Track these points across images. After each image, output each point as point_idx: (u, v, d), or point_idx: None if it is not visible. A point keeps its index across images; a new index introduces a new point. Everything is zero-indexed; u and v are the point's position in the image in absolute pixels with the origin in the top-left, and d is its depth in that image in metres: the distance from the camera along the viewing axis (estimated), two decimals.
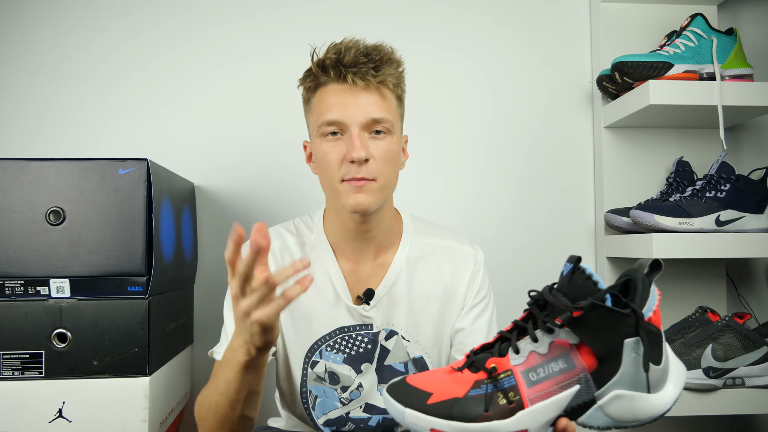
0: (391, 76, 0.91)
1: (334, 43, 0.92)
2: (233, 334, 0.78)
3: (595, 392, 0.59)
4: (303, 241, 1.01)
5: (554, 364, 0.60)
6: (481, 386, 0.60)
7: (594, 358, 0.59)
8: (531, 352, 0.61)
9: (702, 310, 1.26)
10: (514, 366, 0.60)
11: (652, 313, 0.60)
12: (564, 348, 0.60)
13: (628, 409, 0.59)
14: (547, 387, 0.59)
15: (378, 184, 0.90)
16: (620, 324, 0.58)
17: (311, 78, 0.93)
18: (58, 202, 0.99)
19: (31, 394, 0.97)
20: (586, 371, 0.59)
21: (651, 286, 0.61)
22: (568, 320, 0.59)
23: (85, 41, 1.41)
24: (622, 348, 0.58)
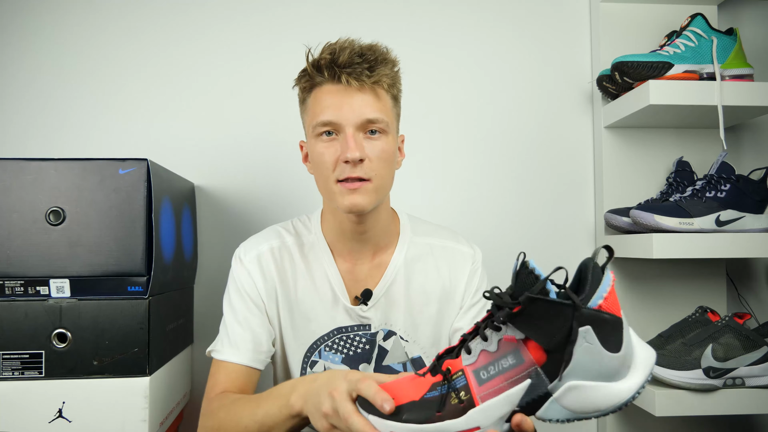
0: (385, 76, 0.91)
1: (329, 43, 0.92)
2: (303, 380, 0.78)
3: (548, 385, 0.59)
4: (301, 242, 1.01)
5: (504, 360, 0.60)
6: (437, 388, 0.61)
7: (542, 352, 0.59)
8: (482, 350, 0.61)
9: (702, 310, 1.26)
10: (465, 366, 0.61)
11: (602, 300, 0.59)
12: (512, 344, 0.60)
13: (585, 399, 0.59)
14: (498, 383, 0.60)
15: (373, 184, 0.90)
16: (562, 315, 0.57)
17: (306, 78, 0.93)
18: (58, 202, 0.99)
19: (31, 394, 0.97)
20: (536, 365, 0.59)
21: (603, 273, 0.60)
22: (508, 316, 0.59)
23: (84, 41, 1.41)
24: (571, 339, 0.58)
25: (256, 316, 0.97)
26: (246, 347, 0.95)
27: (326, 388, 0.70)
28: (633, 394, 0.60)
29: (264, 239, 1.01)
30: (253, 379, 0.96)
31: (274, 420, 0.78)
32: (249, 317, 0.97)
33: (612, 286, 0.60)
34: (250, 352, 0.95)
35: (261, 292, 0.98)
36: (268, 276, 0.98)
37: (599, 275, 0.60)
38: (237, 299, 0.98)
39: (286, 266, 0.99)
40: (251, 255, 0.99)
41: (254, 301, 0.97)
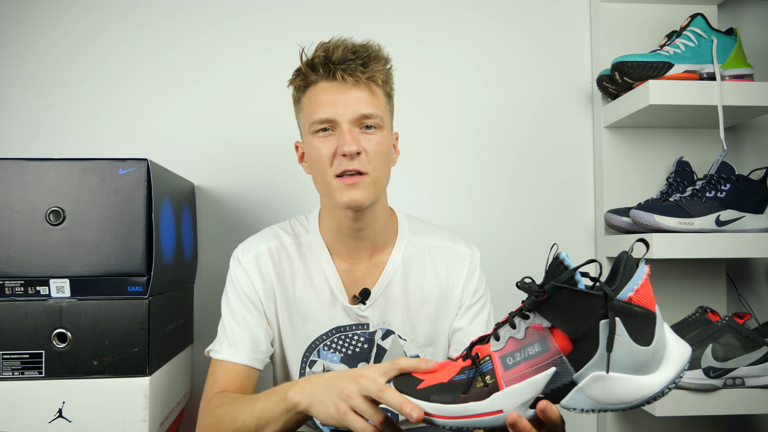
0: (379, 72, 0.92)
1: (322, 42, 0.93)
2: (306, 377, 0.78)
3: (573, 375, 0.59)
4: (299, 242, 1.01)
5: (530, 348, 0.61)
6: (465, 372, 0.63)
7: (568, 341, 0.60)
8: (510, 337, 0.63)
9: (702, 310, 1.26)
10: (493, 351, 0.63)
11: (633, 292, 0.59)
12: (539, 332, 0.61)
13: (610, 390, 0.59)
14: (523, 370, 0.61)
15: (370, 177, 0.90)
16: (590, 305, 0.58)
17: (301, 77, 0.94)
18: (58, 202, 0.99)
19: (31, 394, 0.97)
20: (561, 354, 0.60)
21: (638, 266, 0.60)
22: (534, 304, 0.60)
23: (85, 41, 1.41)
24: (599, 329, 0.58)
25: (254, 316, 0.97)
26: (244, 347, 0.95)
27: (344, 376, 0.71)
28: (662, 389, 0.59)
29: (262, 240, 1.01)
30: (252, 379, 0.96)
31: (271, 414, 0.78)
32: (247, 317, 0.97)
33: (646, 278, 0.59)
34: (248, 351, 0.95)
35: (259, 293, 0.98)
36: (266, 276, 0.98)
37: (633, 268, 0.60)
38: (235, 300, 0.98)
39: (284, 266, 0.99)
40: (249, 256, 0.99)
41: (252, 301, 0.97)
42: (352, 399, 0.68)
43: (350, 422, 0.68)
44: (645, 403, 0.60)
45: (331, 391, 0.71)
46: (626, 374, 0.58)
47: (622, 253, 0.62)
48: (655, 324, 0.59)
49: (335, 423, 0.70)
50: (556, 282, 0.58)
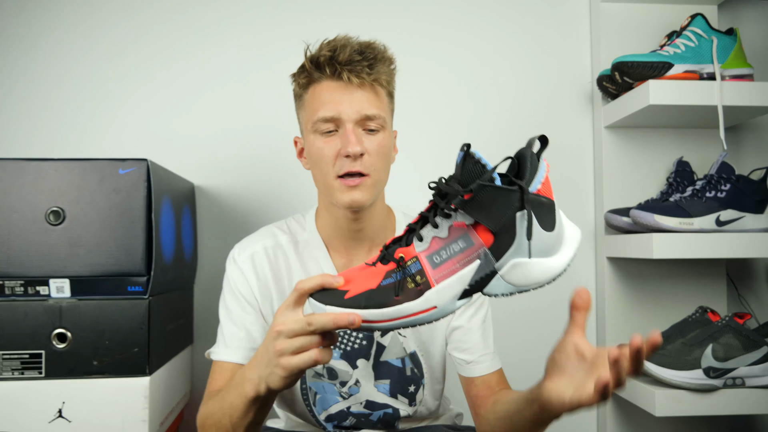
0: (384, 73, 0.92)
1: (327, 40, 0.92)
2: (249, 364, 0.76)
3: (494, 264, 0.64)
4: (296, 240, 1.02)
5: (455, 245, 0.64)
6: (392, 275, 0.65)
7: (490, 234, 0.64)
8: (433, 237, 0.65)
9: (702, 310, 1.26)
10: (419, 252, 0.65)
11: (540, 185, 0.65)
12: (462, 229, 0.64)
13: (527, 274, 0.65)
14: (450, 266, 0.64)
15: (372, 179, 0.91)
16: (509, 199, 0.63)
17: (305, 74, 0.94)
18: (58, 202, 0.99)
19: (31, 394, 0.97)
20: (484, 246, 0.64)
21: (539, 161, 0.66)
22: (461, 203, 0.63)
23: (84, 41, 1.41)
24: (515, 221, 0.63)
25: (250, 315, 0.97)
26: (240, 345, 0.95)
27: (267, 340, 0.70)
28: (565, 267, 0.66)
29: (257, 239, 1.01)
30: None
31: (238, 410, 0.78)
32: (243, 316, 0.97)
33: (547, 172, 0.66)
34: (243, 350, 0.95)
35: (254, 291, 0.98)
36: (262, 275, 0.98)
37: (536, 163, 0.65)
38: (231, 299, 0.98)
39: (281, 265, 0.99)
40: (245, 255, 0.99)
41: (248, 300, 0.97)
42: (286, 349, 0.67)
43: (298, 365, 0.67)
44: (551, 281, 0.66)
45: (268, 361, 0.70)
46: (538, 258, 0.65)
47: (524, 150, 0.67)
48: (555, 211, 0.66)
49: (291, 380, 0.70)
50: (481, 181, 0.62)
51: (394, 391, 1.00)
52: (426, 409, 1.04)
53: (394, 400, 1.00)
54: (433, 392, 1.04)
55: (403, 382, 1.00)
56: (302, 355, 0.67)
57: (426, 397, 1.03)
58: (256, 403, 0.76)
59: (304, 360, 0.67)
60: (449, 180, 0.66)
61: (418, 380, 1.01)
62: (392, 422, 1.01)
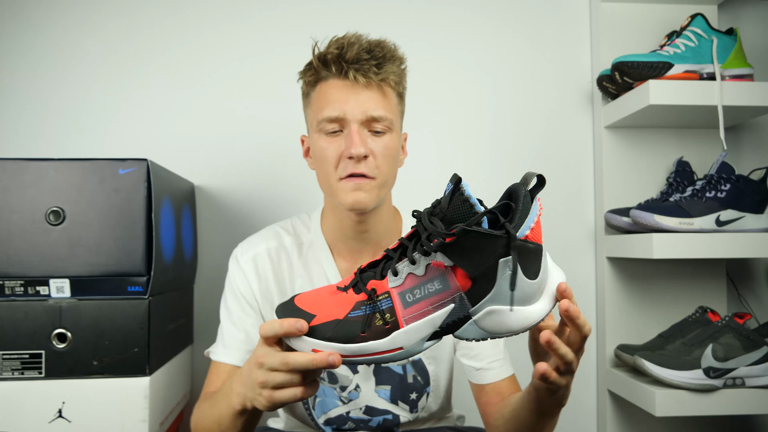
0: (393, 73, 0.90)
1: (337, 38, 0.90)
2: (236, 378, 0.75)
3: (469, 309, 0.61)
4: (300, 241, 1.01)
5: (430, 285, 0.61)
6: (361, 308, 0.62)
7: (468, 279, 0.61)
8: (409, 274, 0.62)
9: (702, 310, 1.26)
10: (392, 288, 0.62)
11: (529, 230, 0.60)
12: (440, 270, 0.61)
13: (500, 322, 0.61)
14: (423, 307, 0.61)
15: (377, 181, 0.89)
16: (493, 245, 0.59)
17: (312, 72, 0.92)
18: (58, 202, 0.99)
19: (31, 394, 0.97)
20: (461, 291, 0.61)
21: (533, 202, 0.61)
22: (441, 246, 0.60)
23: (84, 41, 1.41)
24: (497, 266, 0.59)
25: (250, 317, 0.97)
26: (238, 347, 0.95)
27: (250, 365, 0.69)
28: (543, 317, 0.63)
29: (261, 240, 1.00)
30: None
31: (227, 420, 0.77)
32: (243, 317, 0.96)
33: (539, 215, 0.62)
34: (241, 352, 0.94)
35: (255, 293, 0.97)
36: (263, 277, 0.98)
37: (528, 205, 0.61)
38: (232, 300, 0.98)
39: (283, 266, 0.99)
40: (247, 256, 0.99)
41: (248, 301, 0.97)
42: (267, 382, 0.66)
43: (281, 401, 0.66)
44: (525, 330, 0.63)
45: (251, 387, 0.69)
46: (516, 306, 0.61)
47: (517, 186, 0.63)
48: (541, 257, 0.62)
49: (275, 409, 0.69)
50: (466, 226, 0.58)
51: (394, 397, 0.99)
52: (428, 414, 1.03)
53: (394, 406, 0.99)
54: (439, 399, 1.02)
55: (404, 389, 0.99)
56: (284, 391, 0.66)
57: (430, 404, 1.01)
58: (244, 415, 0.76)
59: (286, 396, 0.66)
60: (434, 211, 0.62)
61: (421, 388, 1.00)
62: (392, 428, 1.00)
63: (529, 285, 0.61)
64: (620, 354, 1.31)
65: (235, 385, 0.74)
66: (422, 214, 0.63)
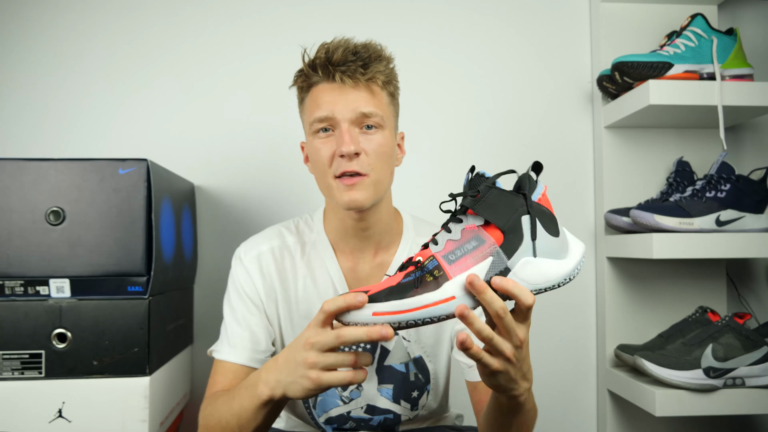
0: (380, 73, 0.91)
1: (324, 43, 0.92)
2: (265, 368, 0.76)
3: (507, 262, 0.69)
4: (303, 240, 1.01)
5: (468, 244, 0.69)
6: (411, 275, 0.68)
7: (500, 233, 0.69)
8: (447, 240, 0.70)
9: (702, 310, 1.26)
10: (435, 252, 0.69)
11: (540, 195, 0.73)
12: (473, 230, 0.70)
13: (538, 272, 0.69)
14: (465, 261, 0.68)
15: (370, 179, 0.90)
16: (513, 201, 0.70)
17: (303, 78, 0.94)
18: (58, 202, 0.99)
19: (31, 394, 0.97)
20: (495, 244, 0.69)
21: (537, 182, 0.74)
22: (471, 203, 0.69)
23: (84, 41, 1.41)
24: (521, 223, 0.69)
25: (254, 316, 0.97)
26: (243, 346, 0.95)
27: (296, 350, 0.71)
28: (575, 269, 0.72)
29: (264, 239, 1.01)
30: None
31: (248, 411, 0.78)
32: (247, 317, 0.97)
33: (544, 192, 0.74)
34: (247, 351, 0.95)
35: (260, 292, 0.98)
36: (267, 276, 0.98)
37: (534, 183, 0.73)
38: (236, 299, 0.98)
39: (287, 266, 0.99)
40: (251, 255, 0.99)
41: (252, 300, 0.97)
42: (318, 363, 0.68)
43: (329, 383, 0.68)
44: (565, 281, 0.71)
45: (294, 370, 0.70)
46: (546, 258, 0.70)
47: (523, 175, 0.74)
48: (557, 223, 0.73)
49: (316, 393, 0.71)
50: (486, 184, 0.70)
51: (397, 396, 0.99)
52: (428, 412, 1.03)
53: (396, 405, 1.00)
54: (438, 396, 1.03)
55: (407, 388, 1.00)
56: (335, 373, 0.68)
57: (430, 402, 1.02)
58: (268, 406, 0.76)
59: (337, 378, 0.68)
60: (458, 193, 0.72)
61: (422, 386, 1.01)
62: (392, 427, 1.01)
63: (554, 241, 0.71)
64: (620, 354, 1.31)
65: (264, 374, 0.76)
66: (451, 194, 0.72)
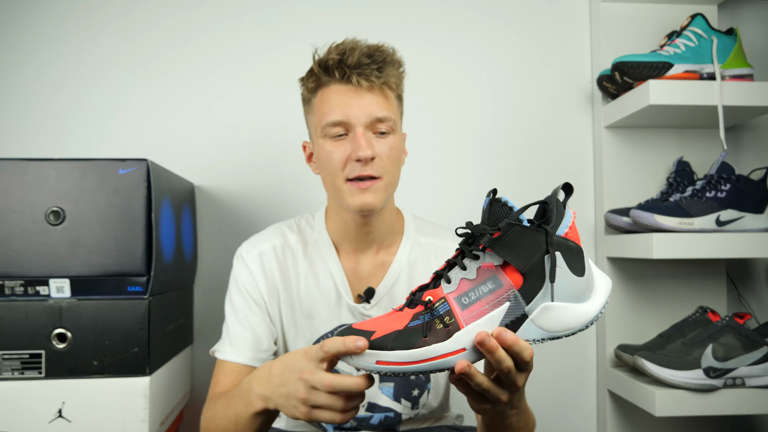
0: (393, 76, 0.92)
1: (336, 44, 0.92)
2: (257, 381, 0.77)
3: (525, 307, 0.63)
4: (305, 239, 1.01)
5: (483, 286, 0.63)
6: (419, 317, 0.64)
7: (519, 275, 0.63)
8: (461, 279, 0.64)
9: (702, 310, 1.26)
10: (447, 294, 0.64)
11: (568, 228, 0.65)
12: (491, 270, 0.64)
13: (558, 319, 0.64)
14: (479, 307, 0.63)
15: (383, 182, 0.91)
16: (536, 240, 0.63)
17: (313, 78, 0.93)
18: (58, 202, 0.99)
19: (31, 394, 0.97)
20: (514, 288, 0.63)
21: (565, 208, 0.66)
22: (489, 242, 0.63)
23: (84, 41, 1.41)
24: (544, 263, 0.63)
25: (257, 315, 0.97)
26: (246, 346, 0.95)
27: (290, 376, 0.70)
28: (597, 314, 0.65)
29: (266, 237, 1.01)
30: None
31: (244, 419, 0.78)
32: (250, 316, 0.97)
33: (573, 219, 0.66)
34: (250, 351, 0.95)
35: (262, 291, 0.98)
36: (270, 274, 0.98)
37: (562, 210, 0.66)
38: (238, 298, 0.98)
39: (289, 264, 0.99)
40: (253, 253, 0.99)
41: (254, 299, 0.97)
42: (308, 400, 0.68)
43: (318, 419, 0.69)
44: (585, 327, 0.65)
45: (286, 396, 0.71)
46: (568, 303, 0.64)
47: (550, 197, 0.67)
48: (584, 257, 0.66)
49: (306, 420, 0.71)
50: (509, 220, 0.63)
51: (398, 394, 0.99)
52: (428, 411, 1.03)
53: (396, 404, 1.00)
54: (438, 395, 1.03)
55: (407, 386, 1.00)
56: (325, 412, 0.68)
57: (430, 401, 1.02)
58: (263, 415, 0.77)
59: (326, 418, 0.68)
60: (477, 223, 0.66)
61: (422, 384, 1.01)
62: (393, 426, 1.01)
63: (578, 282, 0.64)
64: (620, 354, 1.31)
65: (257, 386, 0.76)
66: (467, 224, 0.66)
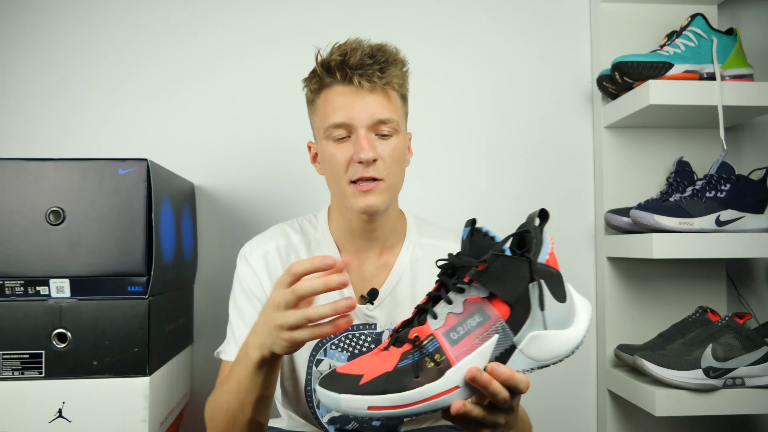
0: (396, 77, 0.91)
1: (339, 44, 0.92)
2: (251, 332, 0.78)
3: (513, 338, 0.63)
4: (308, 240, 1.01)
5: (471, 319, 0.63)
6: (408, 356, 0.63)
7: (506, 306, 0.63)
8: (448, 313, 0.64)
9: (702, 310, 1.26)
10: (435, 330, 0.63)
11: (548, 255, 0.65)
12: (477, 303, 0.63)
13: (545, 347, 0.64)
14: (469, 342, 0.62)
15: (386, 183, 0.91)
16: (521, 270, 0.63)
17: (316, 79, 0.93)
18: (58, 202, 0.99)
19: (31, 394, 0.97)
20: (501, 320, 0.63)
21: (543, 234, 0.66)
22: (475, 274, 0.62)
23: (84, 41, 1.41)
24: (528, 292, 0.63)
25: None
26: None
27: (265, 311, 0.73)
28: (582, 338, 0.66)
29: (270, 238, 1.01)
30: None
31: (246, 380, 0.78)
32: (255, 316, 0.96)
33: (551, 246, 0.67)
34: None
35: (267, 291, 0.97)
36: (274, 274, 0.98)
37: (540, 237, 0.66)
38: (242, 299, 0.98)
39: None
40: (257, 253, 0.99)
41: (259, 299, 0.97)
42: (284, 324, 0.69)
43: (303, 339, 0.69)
44: (571, 353, 0.65)
45: (269, 332, 0.72)
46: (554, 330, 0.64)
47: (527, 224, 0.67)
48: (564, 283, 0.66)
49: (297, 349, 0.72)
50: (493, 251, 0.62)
51: None
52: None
53: None
54: None
55: None
56: (302, 331, 0.69)
57: None
58: (262, 368, 0.77)
59: (303, 336, 0.69)
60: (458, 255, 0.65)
61: None
62: (395, 427, 1.01)
63: (561, 308, 0.65)
64: (620, 354, 1.31)
65: (251, 338, 0.76)
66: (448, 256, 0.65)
